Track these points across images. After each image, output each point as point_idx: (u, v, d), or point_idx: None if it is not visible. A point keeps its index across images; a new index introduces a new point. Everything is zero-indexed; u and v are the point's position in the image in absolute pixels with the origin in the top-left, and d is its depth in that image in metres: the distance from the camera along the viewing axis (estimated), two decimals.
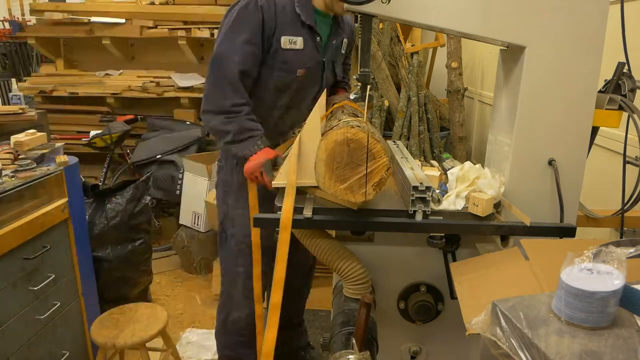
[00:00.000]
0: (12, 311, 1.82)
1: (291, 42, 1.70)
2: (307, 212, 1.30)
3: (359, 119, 1.33)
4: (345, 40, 1.90)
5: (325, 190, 1.27)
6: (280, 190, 1.41)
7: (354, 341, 1.20)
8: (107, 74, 4.14)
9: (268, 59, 1.70)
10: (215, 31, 3.57)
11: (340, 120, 1.32)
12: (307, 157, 1.37)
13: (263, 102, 1.78)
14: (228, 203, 1.90)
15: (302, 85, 1.79)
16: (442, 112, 3.50)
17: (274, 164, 1.60)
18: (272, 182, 1.45)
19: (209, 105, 1.68)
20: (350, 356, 1.18)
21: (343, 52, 1.92)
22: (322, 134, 1.33)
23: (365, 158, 1.22)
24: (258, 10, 1.63)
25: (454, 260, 1.42)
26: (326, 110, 1.67)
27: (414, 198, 1.27)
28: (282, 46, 1.69)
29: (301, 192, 1.40)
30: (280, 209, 1.33)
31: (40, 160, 2.13)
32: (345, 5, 1.30)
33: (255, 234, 1.75)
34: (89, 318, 2.28)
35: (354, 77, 1.46)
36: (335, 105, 1.64)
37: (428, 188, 1.27)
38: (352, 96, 1.51)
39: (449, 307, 1.49)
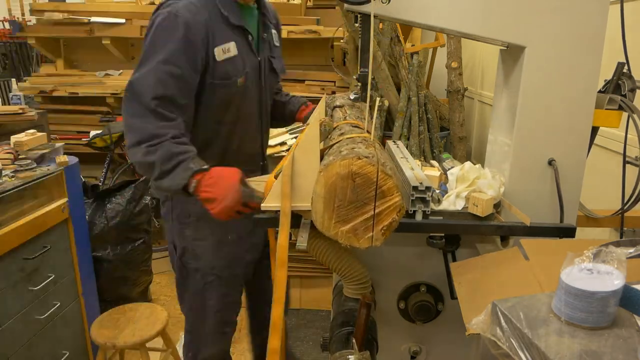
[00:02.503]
0: (12, 311, 1.82)
1: (225, 50, 1.48)
2: (302, 242, 1.14)
3: (367, 142, 1.16)
4: (274, 32, 1.72)
5: (324, 232, 1.10)
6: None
7: (354, 341, 1.20)
8: (107, 74, 4.14)
9: (207, 77, 1.48)
10: None
11: (342, 147, 1.13)
12: (302, 177, 1.16)
13: (207, 121, 1.55)
14: (186, 235, 1.66)
15: (245, 94, 1.58)
16: (442, 112, 3.50)
17: (244, 184, 1.34)
18: (262, 205, 1.21)
19: (130, 137, 1.39)
20: (350, 356, 1.18)
21: (277, 44, 1.74)
22: (321, 162, 1.15)
23: (373, 196, 1.03)
24: (180, 26, 1.39)
25: (454, 260, 1.42)
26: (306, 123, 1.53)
27: (414, 198, 1.27)
28: (217, 59, 1.47)
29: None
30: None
31: (40, 160, 2.14)
32: (346, 6, 1.30)
33: (272, 239, 1.54)
34: (89, 318, 2.28)
35: (354, 76, 1.42)
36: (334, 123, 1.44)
37: (428, 188, 1.27)
38: (352, 96, 1.44)
39: (449, 307, 1.49)
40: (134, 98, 1.38)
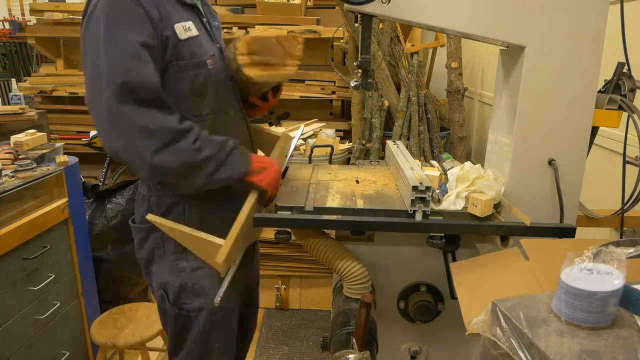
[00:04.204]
0: (12, 311, 1.82)
1: (186, 29, 1.27)
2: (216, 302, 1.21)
3: None
4: (218, 23, 1.52)
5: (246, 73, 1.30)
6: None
7: (354, 341, 1.20)
8: None
9: (171, 59, 1.25)
10: None
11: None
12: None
13: (185, 116, 1.28)
14: (182, 268, 1.37)
15: (218, 80, 1.35)
16: (442, 112, 3.50)
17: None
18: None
19: (149, 143, 1.16)
20: (350, 355, 1.18)
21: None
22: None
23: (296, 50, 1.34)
24: (130, 1, 1.17)
25: (454, 260, 1.42)
26: None
27: (413, 198, 1.27)
28: (180, 37, 1.25)
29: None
30: (280, 208, 1.33)
31: (40, 160, 2.14)
32: (346, 6, 1.30)
33: None
34: (89, 318, 2.28)
35: (355, 63, 1.39)
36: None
37: (428, 188, 1.27)
38: (352, 83, 1.40)
39: (449, 307, 1.49)
40: (127, 102, 1.15)
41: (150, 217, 1.29)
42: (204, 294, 1.37)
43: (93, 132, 3.76)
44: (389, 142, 1.86)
